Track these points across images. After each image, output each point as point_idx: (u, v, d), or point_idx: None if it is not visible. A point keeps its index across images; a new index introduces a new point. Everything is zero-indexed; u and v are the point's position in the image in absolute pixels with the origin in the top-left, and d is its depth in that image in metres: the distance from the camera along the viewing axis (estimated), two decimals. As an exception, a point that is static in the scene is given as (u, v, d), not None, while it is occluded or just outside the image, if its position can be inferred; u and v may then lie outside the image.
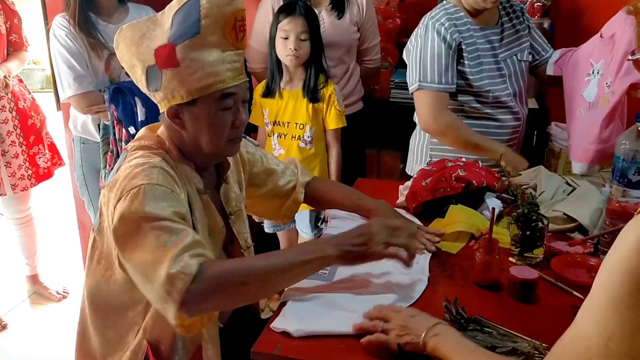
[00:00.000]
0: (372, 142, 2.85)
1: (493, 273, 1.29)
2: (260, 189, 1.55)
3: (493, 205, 1.46)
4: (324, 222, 2.36)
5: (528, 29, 2.01)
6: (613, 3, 1.66)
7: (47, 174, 2.77)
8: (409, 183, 1.74)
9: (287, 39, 2.18)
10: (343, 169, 2.38)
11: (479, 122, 1.92)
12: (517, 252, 1.39)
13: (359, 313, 1.16)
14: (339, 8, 2.43)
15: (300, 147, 2.31)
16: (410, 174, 2.04)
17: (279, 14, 2.22)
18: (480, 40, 1.89)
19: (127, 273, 1.16)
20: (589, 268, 1.34)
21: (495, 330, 1.11)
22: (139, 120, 2.09)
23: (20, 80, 2.72)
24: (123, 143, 2.12)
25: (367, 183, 1.97)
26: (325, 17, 2.42)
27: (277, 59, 2.27)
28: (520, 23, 1.99)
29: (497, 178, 1.61)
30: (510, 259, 1.40)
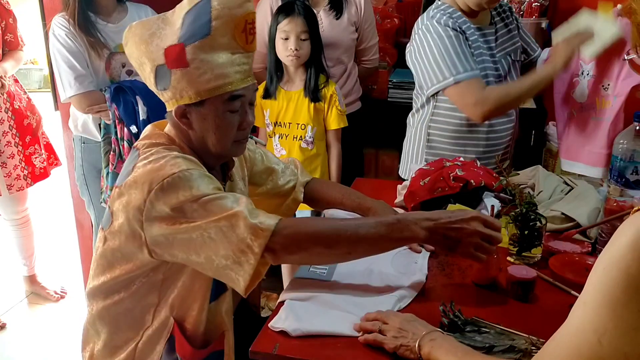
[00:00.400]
0: (370, 141, 2.85)
1: (491, 272, 1.30)
2: (261, 188, 1.55)
3: (491, 205, 1.46)
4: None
5: (517, 29, 2.00)
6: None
7: (43, 174, 2.77)
8: (407, 183, 1.74)
9: (287, 40, 2.18)
10: (341, 169, 2.38)
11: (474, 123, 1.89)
12: (515, 251, 1.40)
13: (358, 313, 1.17)
14: (337, 8, 2.43)
15: (302, 147, 2.30)
16: (404, 178, 2.02)
17: (278, 15, 2.22)
18: (480, 40, 1.87)
19: (161, 259, 1.17)
20: (587, 267, 1.33)
21: (493, 330, 1.11)
22: (141, 119, 2.09)
23: (16, 80, 2.71)
24: (125, 142, 2.12)
25: (365, 183, 1.97)
26: (324, 17, 2.42)
27: (276, 60, 2.26)
28: (511, 22, 1.97)
29: (495, 178, 1.61)
30: (509, 259, 1.40)
